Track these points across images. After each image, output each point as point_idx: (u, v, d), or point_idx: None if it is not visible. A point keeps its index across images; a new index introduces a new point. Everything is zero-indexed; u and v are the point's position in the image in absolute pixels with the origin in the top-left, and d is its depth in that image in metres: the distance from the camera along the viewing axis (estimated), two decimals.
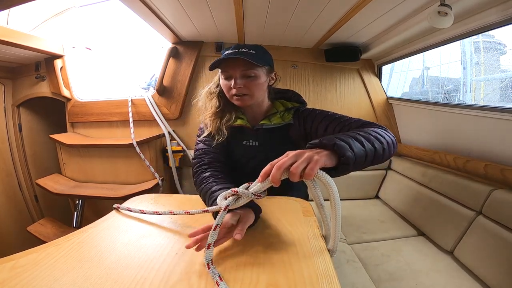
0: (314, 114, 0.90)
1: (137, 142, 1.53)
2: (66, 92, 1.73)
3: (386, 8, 1.13)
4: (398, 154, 1.85)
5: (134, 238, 0.58)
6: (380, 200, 1.85)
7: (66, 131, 1.83)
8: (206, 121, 0.93)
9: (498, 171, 1.09)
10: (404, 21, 1.25)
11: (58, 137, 1.65)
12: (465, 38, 1.24)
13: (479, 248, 1.03)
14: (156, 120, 1.73)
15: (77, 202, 1.58)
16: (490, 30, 1.09)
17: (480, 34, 1.19)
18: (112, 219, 0.68)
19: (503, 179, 1.07)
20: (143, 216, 0.68)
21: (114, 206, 0.74)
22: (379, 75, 1.94)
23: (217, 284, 0.42)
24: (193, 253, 0.50)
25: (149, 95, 1.78)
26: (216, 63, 0.81)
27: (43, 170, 1.88)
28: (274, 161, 0.47)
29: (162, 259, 0.50)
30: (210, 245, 0.48)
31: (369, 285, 1.01)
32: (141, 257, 0.51)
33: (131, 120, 1.68)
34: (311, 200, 0.55)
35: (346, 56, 1.77)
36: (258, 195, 0.49)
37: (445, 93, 2.80)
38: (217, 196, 0.65)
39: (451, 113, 1.35)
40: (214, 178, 0.76)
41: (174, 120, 1.80)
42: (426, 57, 2.89)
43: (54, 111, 1.92)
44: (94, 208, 1.69)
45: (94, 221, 0.67)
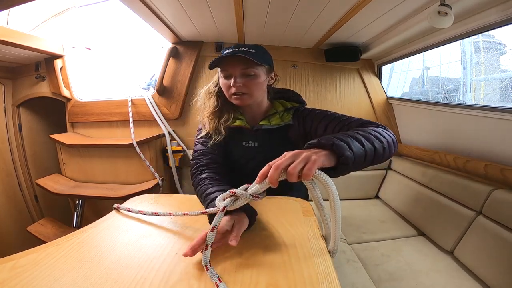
0: (314, 113, 0.89)
1: (137, 142, 1.53)
2: (66, 92, 1.73)
3: (386, 8, 1.13)
4: (398, 154, 1.85)
5: (134, 238, 0.58)
6: (380, 200, 1.85)
7: (66, 131, 1.83)
8: (204, 120, 0.93)
9: (498, 171, 1.09)
10: (404, 21, 1.25)
11: (58, 137, 1.65)
12: (465, 38, 1.24)
13: (479, 248, 1.03)
14: (156, 120, 1.73)
15: (77, 202, 1.58)
16: (490, 30, 1.09)
17: (480, 34, 1.19)
18: (112, 219, 0.68)
19: (503, 179, 1.07)
20: (143, 216, 0.68)
21: (114, 206, 0.74)
22: (379, 75, 1.94)
23: (216, 285, 0.42)
24: None
25: (149, 95, 1.78)
26: (215, 62, 0.80)
27: (43, 170, 1.88)
28: (272, 162, 0.47)
29: (162, 259, 0.50)
30: (208, 246, 0.47)
31: (369, 285, 1.01)
32: (141, 257, 0.51)
33: (131, 120, 1.68)
34: (311, 200, 0.54)
35: (346, 56, 1.77)
36: (256, 196, 0.49)
37: (445, 93, 2.80)
38: (211, 198, 0.65)
39: (451, 113, 1.35)
40: (210, 180, 0.75)
41: (174, 120, 1.80)
42: (426, 57, 2.89)
43: (54, 111, 1.92)
44: (94, 208, 1.69)
45: (94, 221, 0.67)
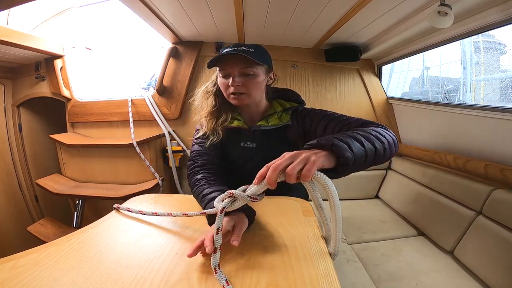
0: (313, 113, 0.88)
1: (137, 142, 1.53)
2: (66, 92, 1.73)
3: (386, 8, 1.13)
4: (398, 154, 1.85)
5: (134, 238, 0.58)
6: (380, 200, 1.84)
7: (66, 131, 1.83)
8: (201, 121, 0.92)
9: (498, 171, 1.09)
10: (404, 21, 1.25)
11: (58, 137, 1.65)
12: (465, 38, 1.24)
13: (479, 248, 1.03)
14: (156, 120, 1.73)
15: (77, 202, 1.58)
16: (490, 30, 1.09)
17: (480, 34, 1.19)
18: (112, 219, 0.68)
19: (503, 179, 1.07)
20: (143, 216, 0.68)
21: (114, 206, 0.74)
22: (379, 75, 1.94)
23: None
24: None
25: (149, 95, 1.78)
26: (214, 60, 0.79)
27: (43, 170, 1.88)
28: (270, 163, 0.46)
29: (162, 259, 0.50)
30: (217, 249, 0.48)
31: (369, 285, 1.01)
32: (141, 257, 0.51)
33: (131, 120, 1.68)
34: (311, 200, 0.54)
35: (346, 56, 1.77)
36: (254, 198, 0.48)
37: (445, 93, 2.79)
38: (209, 199, 0.65)
39: (452, 113, 1.35)
40: (206, 181, 0.75)
41: (174, 120, 1.80)
42: (426, 57, 2.88)
43: (54, 111, 1.92)
44: (94, 208, 1.69)
45: (94, 221, 0.67)
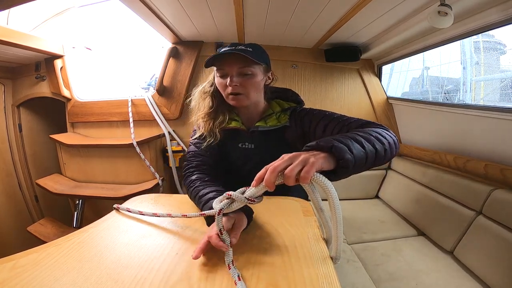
0: (312, 113, 0.87)
1: (137, 142, 1.53)
2: (66, 92, 1.73)
3: (386, 8, 1.13)
4: (398, 154, 1.85)
5: (134, 238, 0.58)
6: (380, 200, 1.84)
7: (66, 131, 1.83)
8: (199, 122, 0.91)
9: (498, 171, 1.09)
10: (404, 21, 1.25)
11: (58, 137, 1.65)
12: (465, 38, 1.24)
13: (479, 248, 1.03)
14: (156, 120, 1.73)
15: (77, 202, 1.58)
16: (490, 30, 1.09)
17: (480, 34, 1.19)
18: (112, 219, 0.68)
19: (503, 179, 1.07)
20: (143, 216, 0.68)
21: (114, 206, 0.74)
22: (379, 75, 1.94)
23: (235, 283, 0.43)
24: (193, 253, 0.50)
25: (149, 95, 1.78)
26: (211, 60, 0.77)
27: (43, 170, 1.88)
28: (269, 164, 0.45)
29: (162, 259, 0.50)
30: (228, 246, 0.49)
31: (369, 285, 1.01)
32: (141, 257, 0.51)
33: (131, 120, 1.68)
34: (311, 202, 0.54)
35: (346, 56, 1.77)
36: (252, 200, 0.48)
37: (445, 93, 2.79)
38: (205, 200, 0.65)
39: (452, 113, 1.35)
40: (200, 181, 0.75)
41: (174, 120, 1.80)
42: (426, 57, 2.88)
43: (54, 111, 1.92)
44: (94, 208, 1.69)
45: (94, 221, 0.67)
